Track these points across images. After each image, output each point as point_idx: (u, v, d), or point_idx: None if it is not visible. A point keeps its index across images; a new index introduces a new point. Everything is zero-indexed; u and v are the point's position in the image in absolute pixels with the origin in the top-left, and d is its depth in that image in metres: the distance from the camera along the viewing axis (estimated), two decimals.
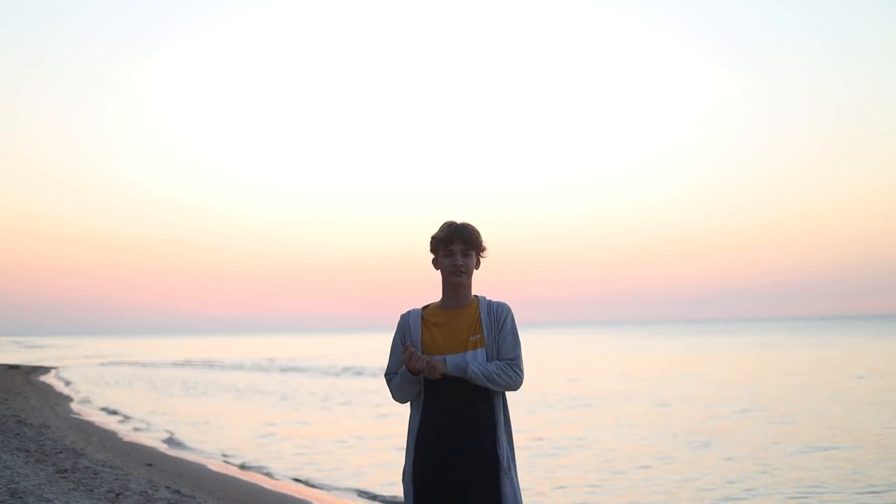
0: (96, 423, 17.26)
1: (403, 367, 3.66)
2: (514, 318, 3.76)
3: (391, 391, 3.78)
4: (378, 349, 66.73)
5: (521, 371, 3.71)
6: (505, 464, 3.65)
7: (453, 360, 3.63)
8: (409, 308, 3.85)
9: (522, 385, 3.73)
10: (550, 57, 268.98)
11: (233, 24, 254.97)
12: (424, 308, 3.82)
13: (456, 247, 3.71)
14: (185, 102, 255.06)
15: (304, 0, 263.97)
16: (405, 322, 3.79)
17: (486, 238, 3.79)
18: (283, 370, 40.96)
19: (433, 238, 3.78)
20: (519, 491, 3.68)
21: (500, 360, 3.68)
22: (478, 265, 3.78)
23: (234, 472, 11.84)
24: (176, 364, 50.15)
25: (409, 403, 3.80)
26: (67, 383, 31.69)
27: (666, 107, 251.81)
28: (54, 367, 43.63)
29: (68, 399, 23.89)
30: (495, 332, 3.72)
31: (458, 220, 3.77)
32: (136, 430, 16.85)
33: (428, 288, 3.81)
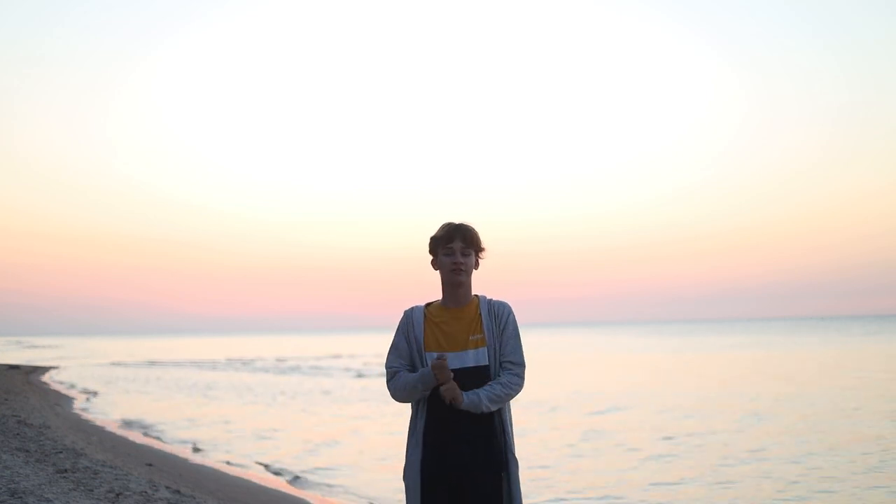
0: (96, 424, 17.26)
1: (427, 370, 3.63)
2: (516, 318, 3.78)
3: (393, 389, 3.72)
4: (378, 350, 66.72)
5: (524, 376, 3.75)
6: (507, 461, 3.68)
7: (469, 397, 3.62)
8: (412, 305, 3.85)
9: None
10: (552, 56, 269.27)
11: (231, 24, 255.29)
12: (427, 305, 3.83)
13: (456, 245, 3.72)
14: (183, 102, 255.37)
15: (301, 0, 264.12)
16: (409, 318, 3.79)
17: (488, 238, 3.81)
18: (284, 370, 40.99)
19: (432, 238, 3.79)
20: (519, 490, 3.70)
21: (502, 367, 3.71)
22: (477, 265, 3.80)
23: (234, 472, 11.83)
24: (175, 364, 50.15)
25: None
26: (67, 384, 31.69)
27: (668, 107, 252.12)
28: (54, 367, 43.65)
29: (68, 399, 23.89)
30: (497, 332, 3.73)
31: (457, 221, 3.79)
32: (135, 429, 16.84)
33: (428, 288, 3.81)
